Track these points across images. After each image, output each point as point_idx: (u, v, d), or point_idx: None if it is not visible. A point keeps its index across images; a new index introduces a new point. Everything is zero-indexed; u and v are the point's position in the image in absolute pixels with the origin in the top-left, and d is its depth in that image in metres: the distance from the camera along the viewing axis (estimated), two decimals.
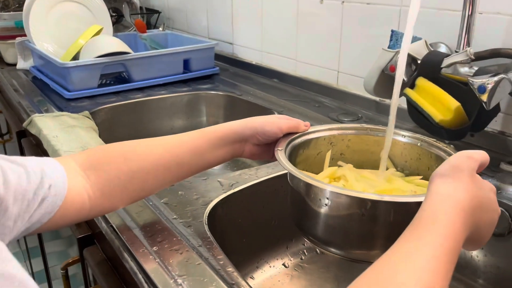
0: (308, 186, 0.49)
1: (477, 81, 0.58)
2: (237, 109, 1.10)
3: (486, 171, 0.68)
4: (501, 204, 0.62)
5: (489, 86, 0.57)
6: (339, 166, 0.59)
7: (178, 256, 0.49)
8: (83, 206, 0.46)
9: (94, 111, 0.97)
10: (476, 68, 0.64)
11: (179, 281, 0.45)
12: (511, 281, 0.62)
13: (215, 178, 0.68)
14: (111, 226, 0.55)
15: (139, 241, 0.51)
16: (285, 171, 0.73)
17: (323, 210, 0.47)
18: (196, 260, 0.48)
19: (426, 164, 0.55)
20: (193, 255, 0.49)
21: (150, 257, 0.48)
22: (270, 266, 0.71)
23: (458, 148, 0.79)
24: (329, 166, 0.58)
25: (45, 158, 0.46)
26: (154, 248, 0.50)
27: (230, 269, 0.47)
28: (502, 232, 0.62)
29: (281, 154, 0.52)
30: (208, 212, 0.59)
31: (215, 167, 1.06)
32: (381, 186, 0.53)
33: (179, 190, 0.64)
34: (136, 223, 0.54)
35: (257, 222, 0.69)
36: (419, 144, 0.55)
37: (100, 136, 0.82)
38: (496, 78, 0.57)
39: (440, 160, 0.52)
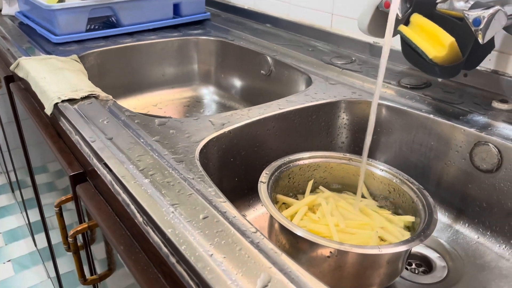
0: (282, 227, 0.54)
1: (472, 14, 0.57)
2: (229, 54, 1.08)
3: (477, 110, 0.69)
4: (490, 140, 0.62)
5: (484, 19, 0.56)
6: (320, 191, 0.66)
7: (170, 187, 0.49)
8: None
9: (83, 55, 0.95)
10: (472, 3, 0.62)
11: (171, 209, 0.45)
12: (498, 217, 0.64)
13: (207, 118, 0.68)
14: (104, 163, 0.55)
15: (130, 174, 0.51)
16: (278, 111, 0.73)
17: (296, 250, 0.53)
18: (188, 190, 0.48)
19: (397, 200, 0.62)
20: (185, 186, 0.49)
21: (142, 188, 0.49)
22: (262, 205, 0.72)
23: (450, 88, 0.79)
24: (311, 191, 0.65)
25: None
26: (146, 181, 0.50)
27: (222, 199, 0.48)
28: (491, 168, 0.63)
29: (263, 188, 0.57)
30: (200, 149, 0.59)
31: (207, 111, 1.06)
32: (354, 220, 0.58)
33: (170, 129, 0.64)
34: (127, 158, 0.54)
35: (249, 162, 0.70)
36: (394, 180, 0.62)
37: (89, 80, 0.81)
38: (491, 11, 0.56)
39: (407, 199, 0.60)
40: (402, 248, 0.50)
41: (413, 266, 0.64)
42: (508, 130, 0.64)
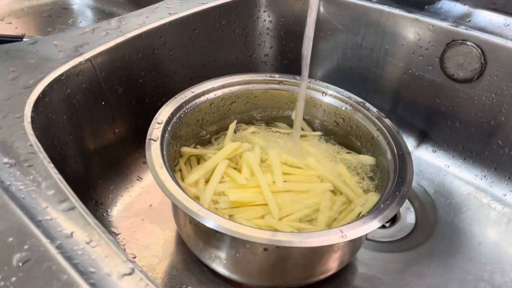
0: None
1: None
2: None
3: None
4: (470, 37, 0.44)
5: None
6: (243, 129, 0.47)
7: None
8: None
9: None
10: None
11: None
12: (476, 139, 0.49)
13: (50, 40, 0.42)
14: None
15: None
16: (168, 19, 0.49)
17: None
18: None
19: (351, 132, 0.46)
20: None
21: None
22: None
23: None
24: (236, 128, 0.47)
25: None
26: None
27: (66, 203, 0.26)
28: (470, 77, 0.46)
29: (153, 149, 0.36)
30: (35, 100, 0.35)
31: (79, 21, 0.77)
32: (295, 167, 0.42)
33: None
34: None
35: (133, 101, 0.46)
36: (344, 108, 0.45)
37: None
38: None
39: (364, 133, 0.43)
40: (375, 225, 0.33)
41: None
42: (492, 21, 0.46)
